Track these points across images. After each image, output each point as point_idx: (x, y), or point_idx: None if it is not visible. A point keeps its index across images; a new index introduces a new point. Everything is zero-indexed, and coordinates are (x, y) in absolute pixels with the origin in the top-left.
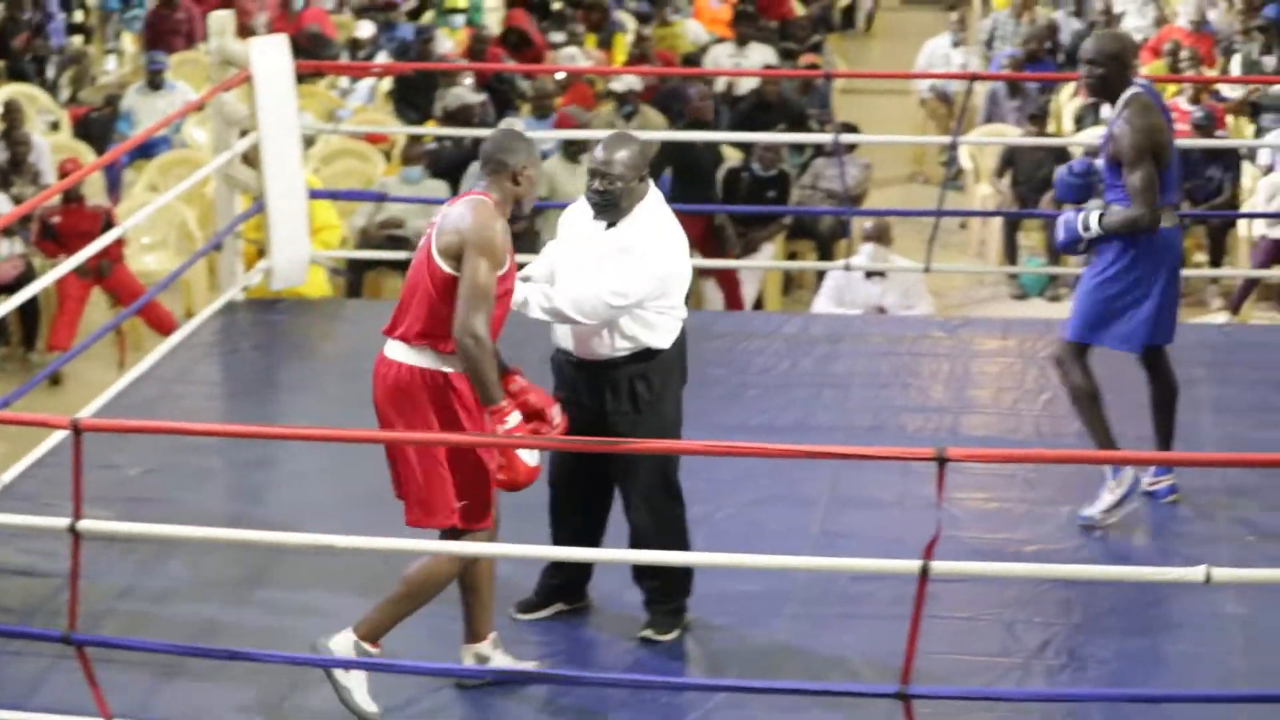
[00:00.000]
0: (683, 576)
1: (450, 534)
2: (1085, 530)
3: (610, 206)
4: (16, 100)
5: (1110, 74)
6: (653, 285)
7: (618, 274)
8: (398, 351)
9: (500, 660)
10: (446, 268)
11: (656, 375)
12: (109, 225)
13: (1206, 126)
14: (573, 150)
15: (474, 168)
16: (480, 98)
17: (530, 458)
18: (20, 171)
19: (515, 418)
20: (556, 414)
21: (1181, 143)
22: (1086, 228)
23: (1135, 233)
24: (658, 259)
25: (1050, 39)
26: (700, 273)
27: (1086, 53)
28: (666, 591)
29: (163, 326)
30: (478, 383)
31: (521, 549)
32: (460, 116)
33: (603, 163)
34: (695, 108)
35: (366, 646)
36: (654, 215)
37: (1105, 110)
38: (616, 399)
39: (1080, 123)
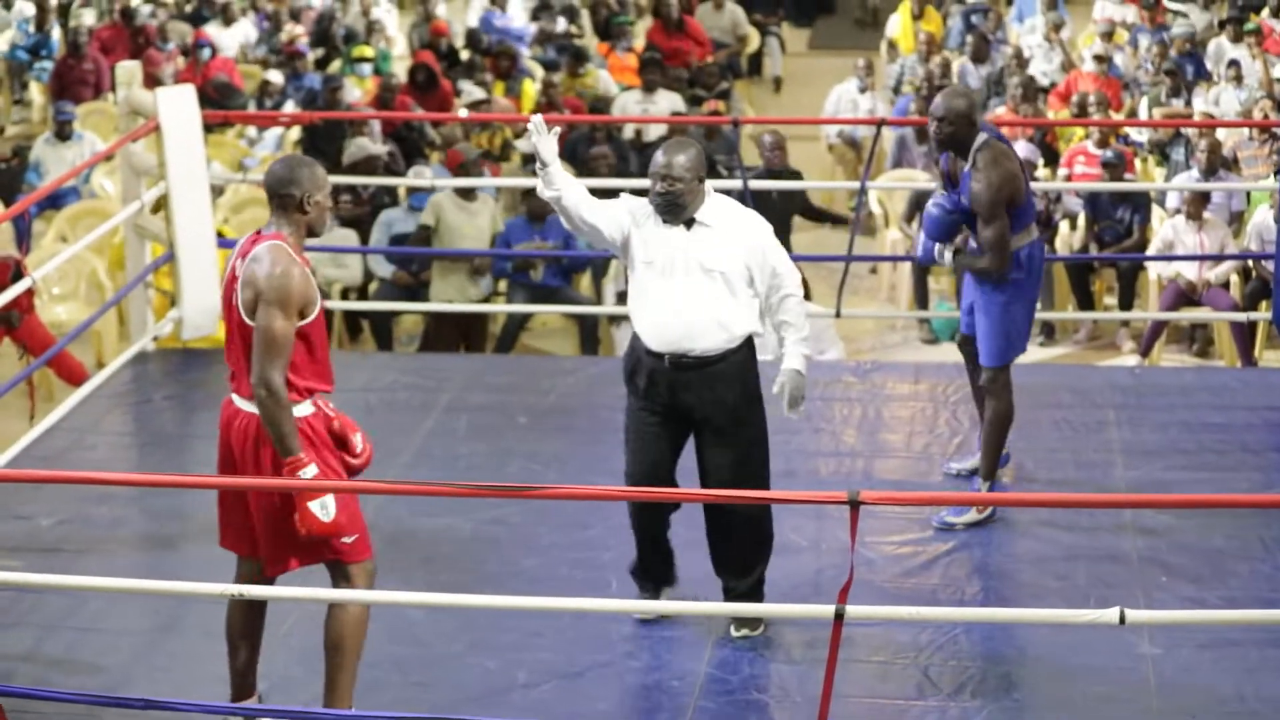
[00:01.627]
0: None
1: (334, 567)
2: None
3: (675, 208)
4: None
5: (959, 130)
6: None
7: (786, 266)
8: (240, 402)
9: None
10: (249, 319)
11: (754, 359)
12: (18, 276)
13: (1116, 166)
14: (464, 190)
15: (384, 215)
16: (384, 148)
17: (324, 513)
18: None
19: (312, 470)
20: (359, 441)
21: (1087, 185)
22: (942, 258)
23: (983, 278)
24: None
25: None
26: (614, 319)
27: (937, 110)
28: (757, 586)
29: (73, 377)
30: (275, 435)
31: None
32: (364, 167)
33: (664, 166)
34: (768, 158)
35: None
36: (729, 204)
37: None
38: (730, 389)
39: None
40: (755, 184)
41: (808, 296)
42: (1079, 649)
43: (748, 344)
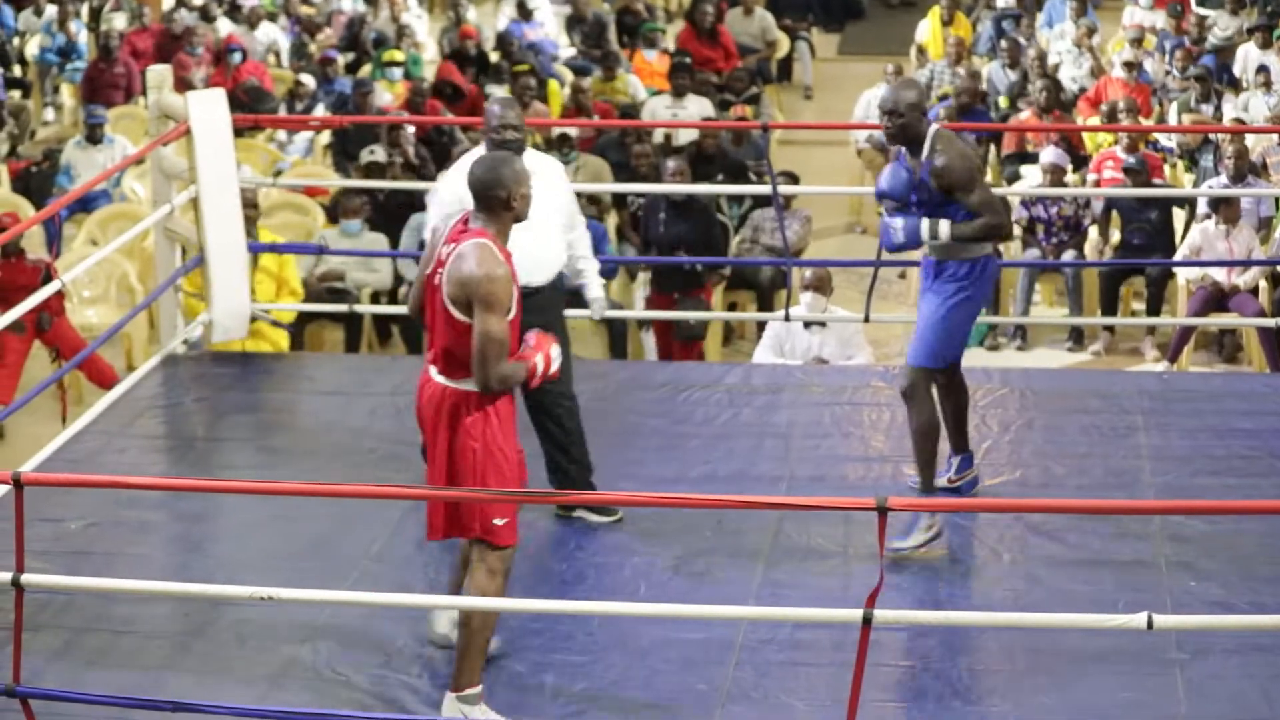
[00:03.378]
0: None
1: (479, 545)
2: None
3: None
4: None
5: (910, 121)
6: None
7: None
8: (433, 372)
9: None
10: (458, 314)
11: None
12: (48, 279)
13: (1139, 172)
14: None
15: (413, 220)
16: (384, 158)
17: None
18: None
19: (539, 359)
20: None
21: (1111, 191)
22: (934, 235)
23: (989, 239)
24: None
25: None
26: (643, 323)
27: (886, 103)
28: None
29: (104, 380)
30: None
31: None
32: (372, 172)
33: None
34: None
35: (469, 693)
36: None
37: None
38: (557, 310)
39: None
40: (785, 189)
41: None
42: (1107, 654)
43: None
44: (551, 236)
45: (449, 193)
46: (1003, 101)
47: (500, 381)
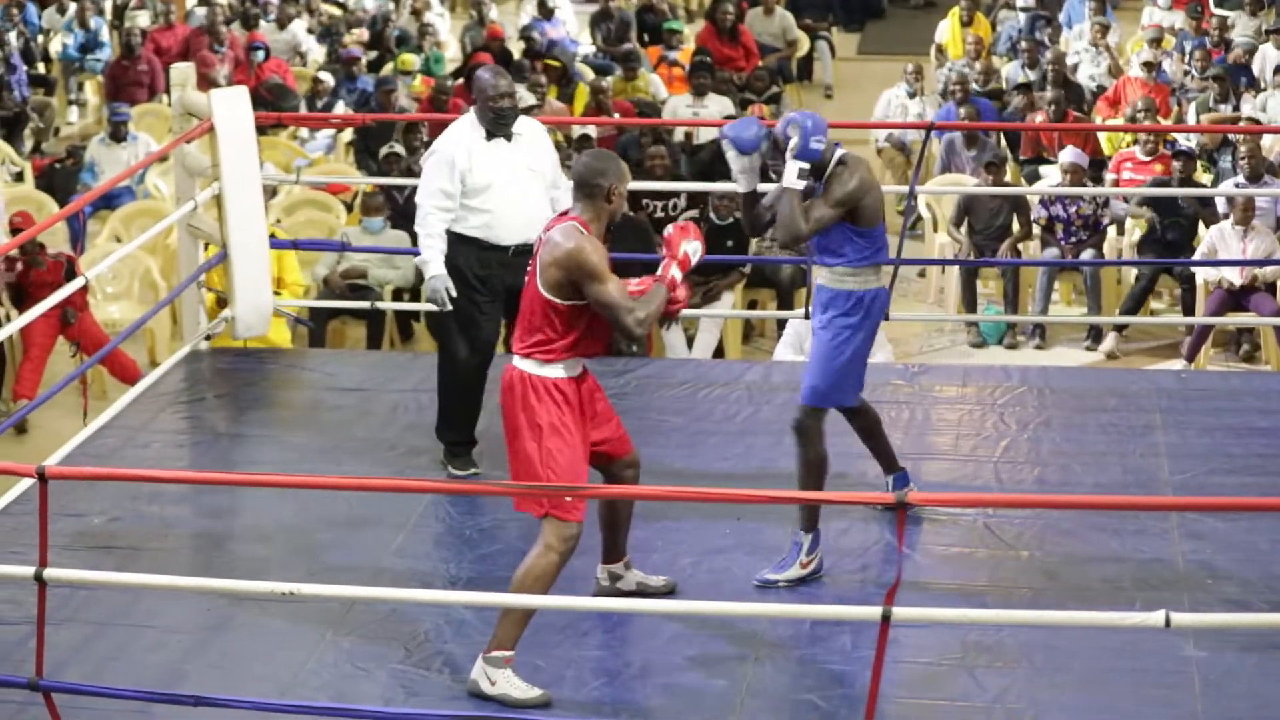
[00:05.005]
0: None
1: (548, 520)
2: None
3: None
4: None
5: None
6: None
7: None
8: (515, 360)
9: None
10: (551, 296)
11: None
12: (71, 274)
13: (1191, 157)
14: None
15: None
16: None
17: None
18: None
19: (673, 279)
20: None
21: (1131, 191)
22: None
23: (781, 229)
24: None
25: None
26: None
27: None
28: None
29: (127, 375)
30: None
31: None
32: (391, 162)
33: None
34: None
35: (497, 655)
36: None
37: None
38: None
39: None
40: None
41: None
42: (1124, 652)
43: None
44: (539, 194)
45: (445, 150)
46: (1016, 100)
47: (642, 325)
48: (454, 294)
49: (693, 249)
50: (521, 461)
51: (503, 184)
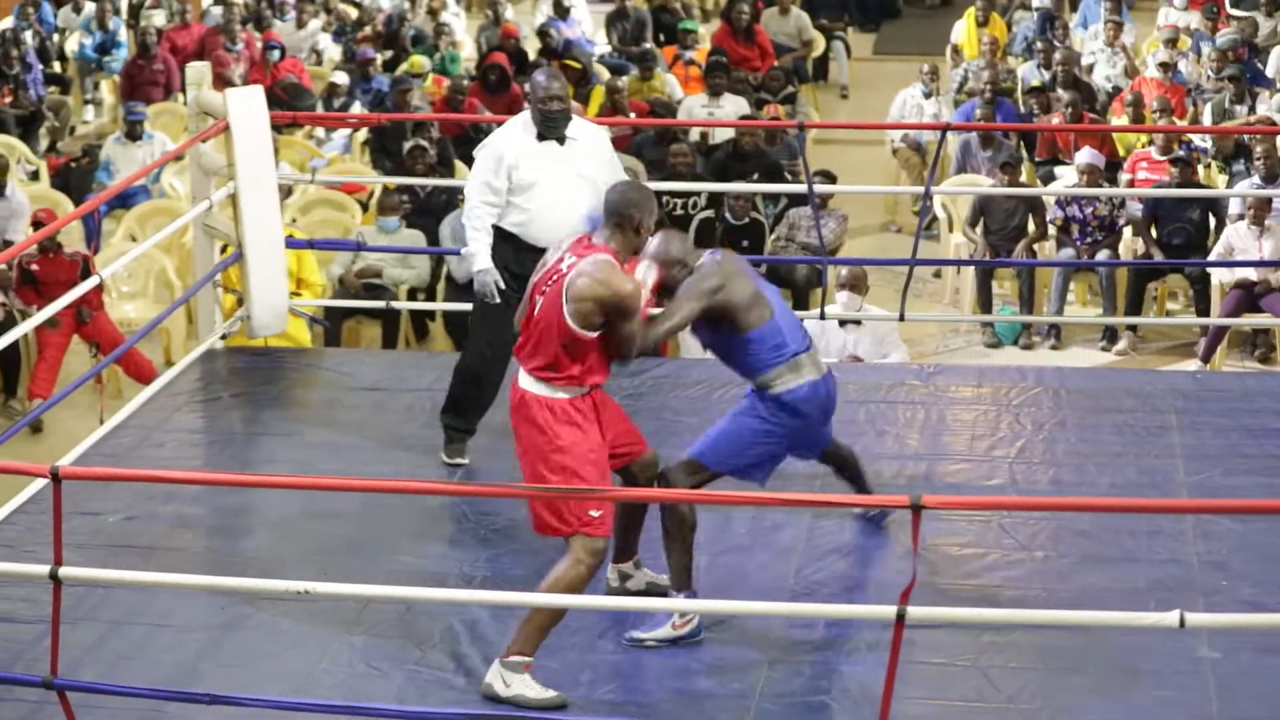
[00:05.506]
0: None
1: (577, 538)
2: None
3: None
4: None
5: None
6: None
7: None
8: (523, 380)
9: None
10: (577, 327)
11: None
12: (86, 273)
13: (1188, 163)
14: None
15: (451, 216)
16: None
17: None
18: None
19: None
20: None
21: (1144, 191)
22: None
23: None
24: None
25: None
26: None
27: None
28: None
29: (142, 375)
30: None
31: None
32: (415, 157)
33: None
34: None
35: (514, 660)
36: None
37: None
38: None
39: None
40: (822, 188)
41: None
42: (1138, 652)
43: None
44: (586, 200)
45: (495, 145)
46: (1025, 101)
47: (643, 349)
48: (503, 287)
49: (640, 271)
50: (529, 479)
51: (546, 185)
